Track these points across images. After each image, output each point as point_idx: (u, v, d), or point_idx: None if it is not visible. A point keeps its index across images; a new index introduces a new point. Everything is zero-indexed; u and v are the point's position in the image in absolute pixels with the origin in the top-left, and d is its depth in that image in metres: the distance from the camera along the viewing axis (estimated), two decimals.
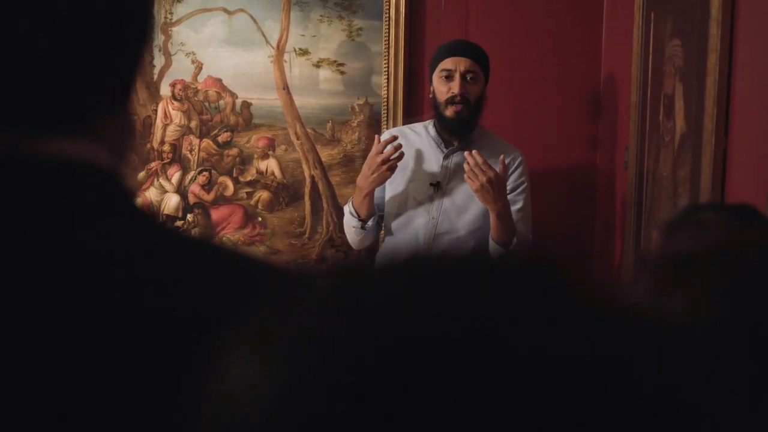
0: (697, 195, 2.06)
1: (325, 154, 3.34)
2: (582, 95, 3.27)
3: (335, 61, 3.31)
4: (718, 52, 1.90)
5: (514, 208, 2.68)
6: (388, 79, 3.26)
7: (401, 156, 2.64)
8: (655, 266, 0.87)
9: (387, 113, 3.27)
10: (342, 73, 3.31)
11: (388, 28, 3.25)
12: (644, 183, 2.65)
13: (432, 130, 2.79)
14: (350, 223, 2.76)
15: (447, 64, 2.68)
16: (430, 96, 2.76)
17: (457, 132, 2.73)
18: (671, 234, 0.89)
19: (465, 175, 2.56)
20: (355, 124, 3.32)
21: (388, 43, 3.25)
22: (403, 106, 3.26)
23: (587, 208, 3.31)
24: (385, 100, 3.28)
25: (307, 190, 3.37)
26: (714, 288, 0.79)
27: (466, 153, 2.57)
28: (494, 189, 2.52)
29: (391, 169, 2.63)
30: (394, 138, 2.66)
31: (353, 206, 2.73)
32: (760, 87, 1.82)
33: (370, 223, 2.74)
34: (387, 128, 3.15)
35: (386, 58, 3.26)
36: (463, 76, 2.66)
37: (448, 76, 2.67)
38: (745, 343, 0.75)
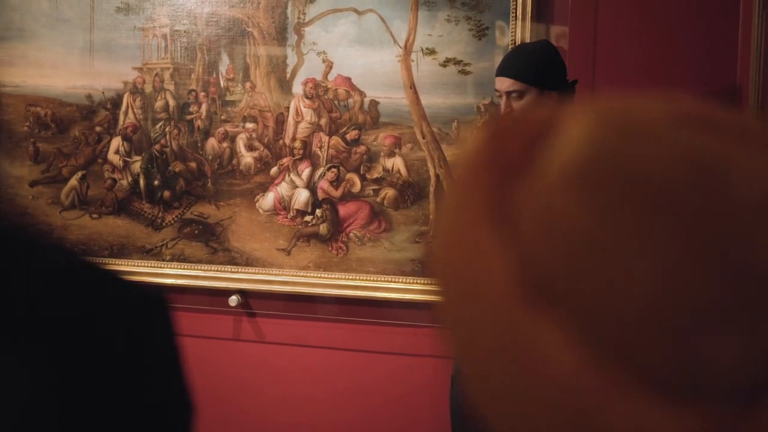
0: None
1: (451, 153, 3.34)
2: (715, 99, 3.07)
3: (461, 61, 3.29)
4: None
5: None
6: None
7: None
8: None
9: None
10: (468, 72, 3.29)
11: (515, 28, 3.19)
12: None
13: None
14: None
15: (496, 84, 2.71)
16: None
17: None
18: None
19: None
20: (480, 124, 3.29)
21: (515, 43, 3.19)
22: None
23: None
24: None
25: (431, 189, 3.39)
26: None
27: None
28: None
29: None
30: None
31: None
32: None
33: None
34: None
35: None
36: (507, 96, 2.66)
37: (500, 96, 2.70)
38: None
